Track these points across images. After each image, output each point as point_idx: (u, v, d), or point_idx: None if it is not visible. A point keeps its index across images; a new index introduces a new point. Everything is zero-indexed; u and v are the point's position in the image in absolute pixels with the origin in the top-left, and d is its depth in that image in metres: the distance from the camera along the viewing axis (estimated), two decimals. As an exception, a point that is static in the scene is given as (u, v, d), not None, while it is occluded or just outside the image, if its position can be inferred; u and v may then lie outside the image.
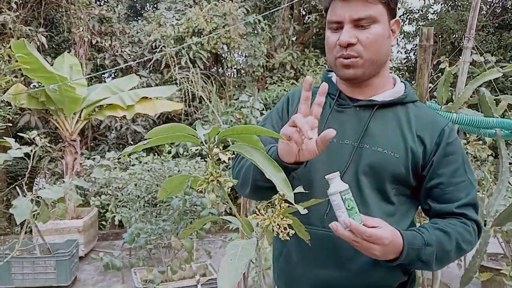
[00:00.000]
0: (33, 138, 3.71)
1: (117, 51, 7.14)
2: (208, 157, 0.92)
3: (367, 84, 1.18)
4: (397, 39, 13.04)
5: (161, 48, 6.81)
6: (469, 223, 1.12)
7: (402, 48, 13.40)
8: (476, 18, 1.88)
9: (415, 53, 12.98)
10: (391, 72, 1.28)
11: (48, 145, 6.23)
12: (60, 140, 6.75)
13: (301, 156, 1.02)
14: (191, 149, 4.41)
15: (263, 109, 3.26)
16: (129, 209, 3.38)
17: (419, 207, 1.25)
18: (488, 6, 10.86)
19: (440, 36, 11.08)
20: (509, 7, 10.72)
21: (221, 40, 7.01)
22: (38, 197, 3.82)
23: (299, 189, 0.97)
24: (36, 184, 7.13)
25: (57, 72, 4.67)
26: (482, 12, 10.43)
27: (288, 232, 0.91)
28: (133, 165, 4.21)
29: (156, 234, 2.96)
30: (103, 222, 6.25)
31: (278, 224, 0.91)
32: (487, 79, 1.88)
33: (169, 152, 5.31)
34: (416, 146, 1.13)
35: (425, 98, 1.85)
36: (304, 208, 0.90)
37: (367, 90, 1.19)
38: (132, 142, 6.77)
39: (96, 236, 5.68)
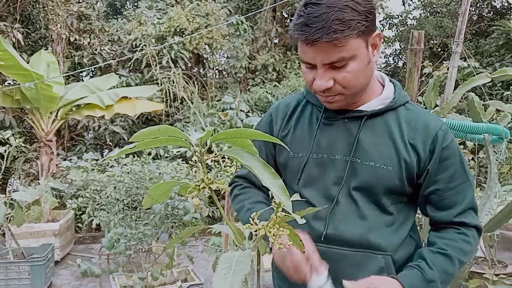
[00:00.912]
0: (7, 138, 3.56)
1: (96, 50, 6.97)
2: (198, 162, 0.86)
3: None
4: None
5: (142, 47, 6.67)
6: (468, 233, 1.10)
7: (381, 53, 13.58)
8: (466, 23, 1.87)
9: (394, 58, 13.16)
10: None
11: (23, 145, 6.04)
12: (36, 140, 6.55)
13: None
14: (172, 151, 4.33)
15: (248, 111, 3.20)
16: (108, 212, 3.27)
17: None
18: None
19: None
20: (485, 15, 10.97)
21: (203, 40, 6.93)
22: (12, 199, 3.68)
23: (296, 196, 0.92)
24: (10, 185, 6.90)
25: (33, 69, 4.51)
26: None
27: (285, 243, 0.85)
28: (111, 167, 4.09)
29: (136, 239, 2.87)
30: (79, 225, 6.08)
31: (274, 234, 0.85)
32: (476, 84, 1.87)
33: (149, 154, 5.20)
34: (410, 156, 1.09)
35: (415, 102, 1.82)
36: (302, 218, 0.85)
37: (355, 103, 1.14)
38: (110, 143, 6.62)
39: (73, 239, 5.51)
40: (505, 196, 2.90)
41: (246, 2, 8.92)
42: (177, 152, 4.32)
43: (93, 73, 7.74)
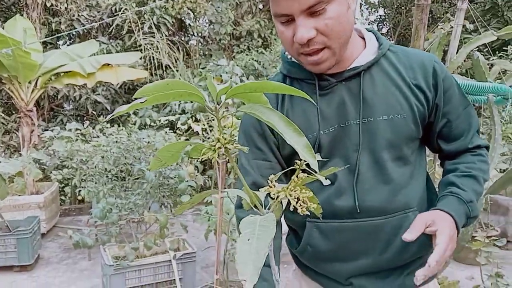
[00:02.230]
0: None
1: (73, 15, 6.65)
2: (212, 120, 0.78)
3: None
4: (361, 10, 13.01)
5: (123, 11, 6.39)
6: (483, 153, 1.13)
7: (365, 20, 13.41)
8: (472, -23, 1.79)
9: (379, 24, 13.02)
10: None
11: (2, 115, 5.82)
12: (15, 111, 6.32)
13: None
14: (159, 120, 4.20)
15: (242, 75, 3.09)
16: (96, 183, 3.18)
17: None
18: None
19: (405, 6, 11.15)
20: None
21: (186, 4, 6.67)
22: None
23: (318, 156, 0.85)
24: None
25: (10, 35, 4.27)
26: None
27: (308, 206, 0.79)
28: (97, 137, 3.97)
29: (127, 209, 2.79)
30: (63, 197, 5.96)
31: (296, 198, 0.79)
32: (481, 43, 1.81)
33: (135, 123, 5.07)
34: (418, 97, 1.05)
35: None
36: (326, 178, 0.78)
37: (342, 62, 1.05)
38: (94, 113, 6.42)
39: (58, 211, 5.41)
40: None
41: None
42: (165, 120, 4.20)
43: (72, 40, 7.43)
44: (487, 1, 8.33)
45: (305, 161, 0.77)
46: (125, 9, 6.41)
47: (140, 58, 6.40)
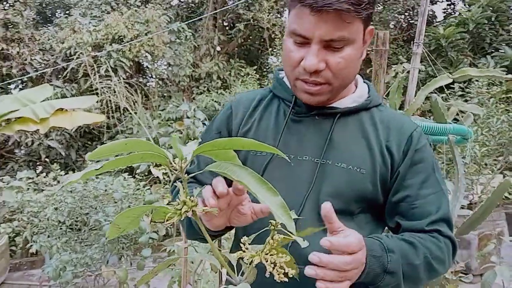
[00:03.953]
0: None
1: (26, 59, 6.47)
2: (178, 182, 0.71)
3: None
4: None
5: (78, 55, 6.28)
6: (441, 239, 0.98)
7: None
8: (425, 23, 1.86)
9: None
10: None
11: None
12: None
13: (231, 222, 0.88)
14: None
15: (205, 119, 3.04)
16: (49, 236, 2.95)
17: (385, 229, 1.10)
18: (395, 22, 11.72)
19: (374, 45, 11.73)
20: (414, 23, 11.62)
21: (144, 48, 6.65)
22: None
23: (292, 215, 0.79)
24: None
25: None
26: (391, 27, 11.23)
27: (287, 272, 0.72)
28: (50, 186, 3.75)
29: (83, 264, 2.59)
30: (13, 248, 5.54)
31: (272, 262, 0.72)
32: (438, 85, 1.86)
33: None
34: (384, 158, 0.99)
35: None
36: (304, 240, 0.73)
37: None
38: (47, 159, 6.13)
39: (8, 267, 5.00)
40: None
41: (186, 9, 8.74)
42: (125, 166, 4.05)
43: (24, 84, 7.19)
44: (432, 42, 8.85)
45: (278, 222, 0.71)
46: (80, 53, 6.30)
47: (97, 102, 6.24)
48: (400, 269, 0.89)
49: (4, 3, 7.40)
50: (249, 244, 0.77)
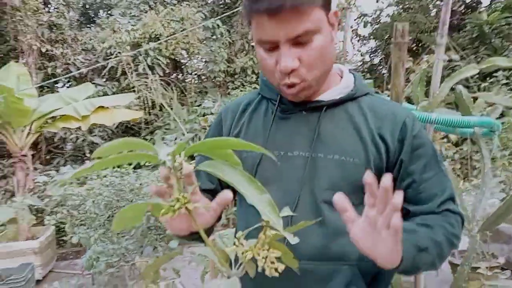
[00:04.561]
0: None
1: (69, 59, 6.78)
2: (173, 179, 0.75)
3: None
4: (352, 41, 13.22)
5: (116, 54, 6.51)
6: (451, 216, 0.99)
7: (357, 51, 13.63)
8: (449, 13, 1.81)
9: (370, 55, 13.21)
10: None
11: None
12: (10, 156, 6.31)
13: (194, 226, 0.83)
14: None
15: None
16: (88, 228, 3.12)
17: None
18: (437, 9, 11.25)
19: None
20: (457, 10, 11.11)
21: (179, 45, 6.79)
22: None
23: (287, 211, 0.82)
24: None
25: (2, 82, 4.31)
26: (432, 15, 10.79)
27: (277, 267, 0.75)
28: (91, 180, 3.93)
29: (118, 255, 2.72)
30: (64, 238, 5.85)
31: (263, 257, 0.75)
32: (464, 76, 1.80)
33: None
34: (378, 146, 0.98)
35: (402, 98, 1.74)
36: (294, 236, 0.75)
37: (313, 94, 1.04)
38: (89, 155, 6.42)
39: (55, 256, 5.30)
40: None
41: (221, 6, 8.81)
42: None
43: (69, 84, 7.53)
44: (475, 29, 8.47)
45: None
46: (119, 52, 6.52)
47: (136, 98, 6.46)
48: (431, 244, 0.89)
49: (49, 6, 7.77)
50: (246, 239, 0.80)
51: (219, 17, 5.98)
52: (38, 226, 5.25)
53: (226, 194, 0.84)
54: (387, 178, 0.74)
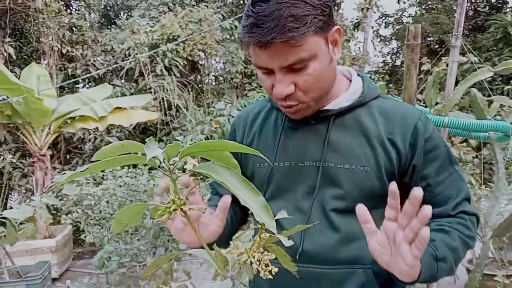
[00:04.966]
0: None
1: (89, 60, 6.89)
2: (170, 181, 0.75)
3: None
4: (373, 42, 13.08)
5: (134, 55, 6.59)
6: (467, 218, 0.99)
7: (379, 52, 13.51)
8: (464, 14, 1.77)
9: (392, 57, 13.08)
10: (355, 67, 1.12)
11: (16, 160, 5.95)
12: (30, 155, 6.46)
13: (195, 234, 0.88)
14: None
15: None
16: (102, 227, 3.16)
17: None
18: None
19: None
20: (481, 10, 10.89)
21: (197, 46, 6.84)
22: (4, 217, 3.57)
23: (283, 214, 0.81)
24: (11, 200, 6.79)
25: (24, 83, 4.41)
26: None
27: (271, 270, 0.74)
28: (106, 180, 3.98)
29: (131, 255, 2.75)
30: (82, 238, 5.95)
31: (258, 260, 0.74)
32: (478, 79, 1.76)
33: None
34: (388, 152, 0.97)
35: (414, 100, 1.71)
36: (288, 239, 0.74)
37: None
38: (107, 155, 6.51)
39: (71, 255, 5.39)
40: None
41: (241, 7, 8.84)
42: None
43: (89, 84, 7.66)
44: (499, 31, 8.29)
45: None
46: (137, 53, 6.60)
47: (154, 99, 6.53)
48: (448, 252, 0.90)
49: (70, 8, 7.93)
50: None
51: (236, 16, 6.00)
52: (56, 225, 5.35)
53: (225, 198, 0.86)
54: (418, 191, 0.74)
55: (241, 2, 9.15)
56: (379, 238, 0.81)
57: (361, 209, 0.81)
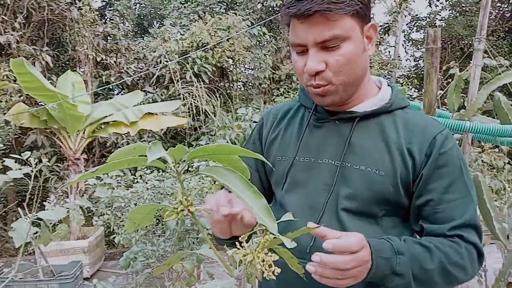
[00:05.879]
0: (34, 159, 3.62)
1: (122, 68, 7.10)
2: (178, 182, 0.79)
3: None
4: (404, 45, 12.86)
5: (164, 63, 6.75)
6: (462, 244, 0.95)
7: (411, 56, 13.25)
8: (487, 17, 1.74)
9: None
10: (387, 77, 1.14)
11: (53, 164, 6.19)
12: (65, 159, 6.70)
13: (233, 231, 0.93)
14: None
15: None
16: (130, 229, 3.24)
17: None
18: (497, 11, 10.72)
19: (449, 42, 10.93)
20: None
21: (225, 53, 6.93)
22: (39, 218, 3.73)
23: (288, 216, 0.83)
24: (49, 202, 7.07)
25: (59, 90, 4.61)
26: (491, 17, 10.28)
27: (274, 270, 0.76)
28: (136, 183, 4.10)
29: (157, 256, 2.82)
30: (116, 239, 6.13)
31: (262, 260, 0.77)
32: (502, 83, 1.72)
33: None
34: (405, 160, 0.98)
35: (435, 105, 1.70)
36: (292, 241, 0.76)
37: (348, 104, 1.06)
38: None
39: (103, 256, 5.56)
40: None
41: (271, 13, 8.89)
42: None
43: (123, 91, 7.89)
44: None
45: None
46: (167, 60, 6.76)
47: (183, 105, 6.67)
48: (409, 271, 0.90)
49: (105, 17, 8.21)
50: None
51: (261, 22, 6.05)
52: (90, 226, 5.54)
53: None
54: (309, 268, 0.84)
55: (270, 9, 9.22)
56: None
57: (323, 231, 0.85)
